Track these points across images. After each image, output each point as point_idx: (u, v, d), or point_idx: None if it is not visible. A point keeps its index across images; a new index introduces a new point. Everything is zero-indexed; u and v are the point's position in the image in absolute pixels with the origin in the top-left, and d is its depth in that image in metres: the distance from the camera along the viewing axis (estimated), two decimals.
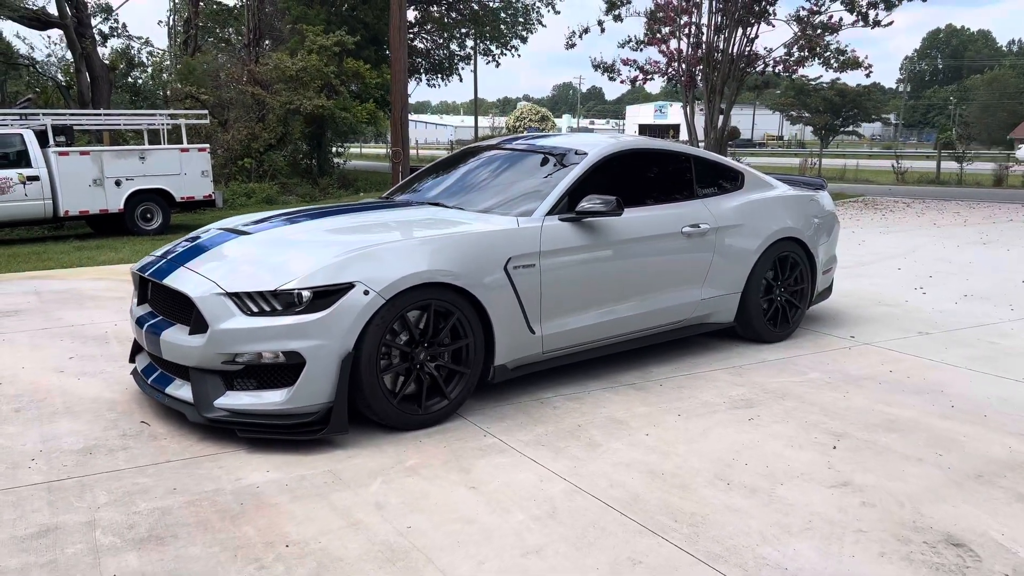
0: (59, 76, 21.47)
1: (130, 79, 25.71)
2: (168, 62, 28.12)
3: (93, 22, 20.60)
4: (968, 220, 13.90)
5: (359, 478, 3.47)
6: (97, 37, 23.36)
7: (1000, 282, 8.07)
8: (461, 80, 34.39)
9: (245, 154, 20.45)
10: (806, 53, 15.77)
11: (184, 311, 3.93)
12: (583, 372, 4.98)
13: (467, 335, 4.13)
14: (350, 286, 3.74)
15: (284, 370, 3.74)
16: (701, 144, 16.26)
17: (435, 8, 30.08)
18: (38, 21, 18.34)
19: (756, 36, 15.79)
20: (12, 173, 12.31)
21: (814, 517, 3.11)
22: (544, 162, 5.04)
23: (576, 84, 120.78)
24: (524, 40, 29.73)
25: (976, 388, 4.72)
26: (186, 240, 4.58)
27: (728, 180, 5.61)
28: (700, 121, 16.62)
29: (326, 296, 3.73)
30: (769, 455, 3.73)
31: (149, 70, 26.24)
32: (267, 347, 3.69)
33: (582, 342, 4.73)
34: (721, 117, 15.97)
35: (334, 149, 24.24)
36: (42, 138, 12.80)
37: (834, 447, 3.82)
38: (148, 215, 13.55)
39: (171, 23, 30.78)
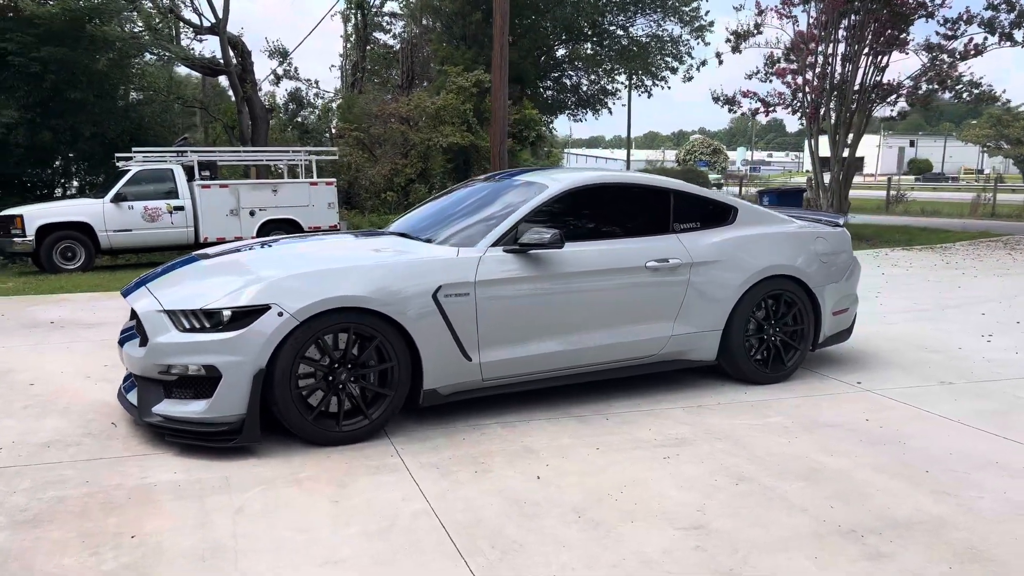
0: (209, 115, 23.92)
1: (299, 119, 28.00)
2: (336, 103, 30.34)
3: (271, 64, 22.80)
4: None
5: (245, 484, 3.76)
6: (272, 78, 25.81)
7: None
8: (611, 114, 34.62)
9: (388, 188, 21.73)
10: (935, 85, 14.69)
11: (140, 326, 4.42)
12: (536, 401, 5.03)
13: (391, 359, 4.34)
14: (266, 308, 4.08)
15: (206, 382, 4.12)
16: (826, 176, 15.52)
17: (588, 45, 30.54)
18: (209, 69, 20.56)
19: (887, 65, 14.95)
20: (162, 203, 13.87)
21: (631, 555, 3.06)
22: (511, 195, 5.19)
23: (754, 116, 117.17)
24: (674, 71, 29.49)
25: (946, 443, 4.34)
26: (164, 264, 5.11)
27: (715, 215, 5.49)
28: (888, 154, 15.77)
29: (245, 316, 4.08)
30: (650, 494, 3.66)
31: (317, 110, 28.48)
32: (191, 360, 4.09)
33: (528, 372, 4.80)
34: (847, 149, 15.16)
35: None
36: (191, 173, 14.35)
37: (724, 491, 3.69)
38: None
39: (343, 66, 33.19)
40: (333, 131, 27.32)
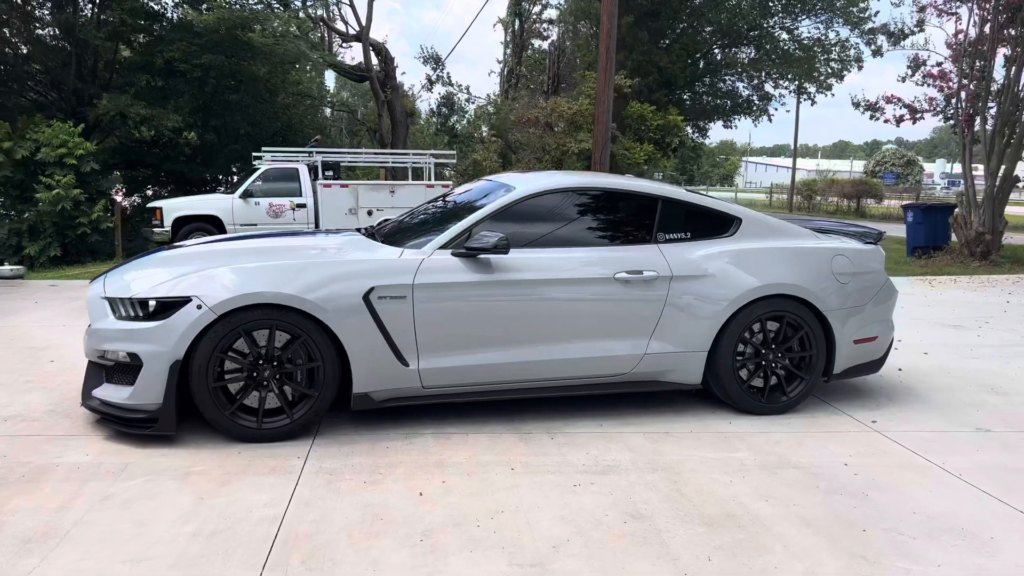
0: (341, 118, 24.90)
1: (451, 124, 28.72)
2: (490, 108, 30.89)
3: (426, 70, 23.55)
4: None
5: (135, 473, 3.79)
6: (426, 83, 26.66)
7: None
8: (771, 121, 32.83)
9: None
10: None
11: None
12: (491, 414, 4.76)
13: (316, 359, 4.25)
14: (187, 300, 4.11)
15: (134, 370, 4.20)
16: (979, 191, 13.87)
17: (750, 49, 29.21)
18: (354, 74, 21.51)
19: None
20: (286, 200, 14.61)
21: None
22: (482, 198, 4.96)
23: (899, 123, 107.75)
24: (841, 78, 27.55)
25: (920, 500, 3.68)
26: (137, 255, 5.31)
27: (712, 226, 4.98)
28: None
29: (168, 307, 4.13)
30: (520, 523, 3.35)
31: (467, 115, 29.09)
32: (121, 347, 4.19)
33: (475, 383, 4.55)
34: (1004, 162, 13.46)
35: None
36: (315, 172, 15.04)
37: (603, 530, 3.30)
38: None
39: (501, 72, 33.73)
40: (483, 136, 27.82)
